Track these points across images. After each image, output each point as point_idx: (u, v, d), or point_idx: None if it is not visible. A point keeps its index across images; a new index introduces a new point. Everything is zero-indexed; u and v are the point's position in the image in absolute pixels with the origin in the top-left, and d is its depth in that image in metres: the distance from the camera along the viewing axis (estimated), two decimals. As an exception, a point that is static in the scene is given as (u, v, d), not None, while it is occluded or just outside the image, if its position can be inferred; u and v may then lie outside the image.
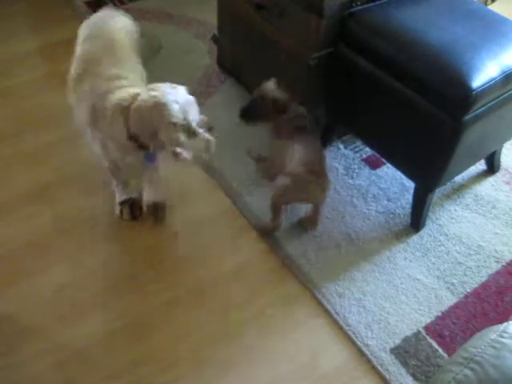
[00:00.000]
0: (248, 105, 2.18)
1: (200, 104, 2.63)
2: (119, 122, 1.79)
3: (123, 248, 2.09)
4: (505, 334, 0.98)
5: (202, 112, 1.89)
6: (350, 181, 2.34)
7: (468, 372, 0.93)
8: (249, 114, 2.19)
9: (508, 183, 2.37)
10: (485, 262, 2.07)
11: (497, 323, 1.11)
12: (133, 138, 1.80)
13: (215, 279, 2.00)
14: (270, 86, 2.17)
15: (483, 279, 2.02)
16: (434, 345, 1.83)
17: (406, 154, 2.05)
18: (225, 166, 2.38)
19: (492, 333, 1.01)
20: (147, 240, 2.12)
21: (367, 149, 2.44)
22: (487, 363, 0.92)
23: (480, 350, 0.99)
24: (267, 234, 2.14)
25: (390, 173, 2.37)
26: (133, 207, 2.15)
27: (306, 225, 2.16)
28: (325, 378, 1.76)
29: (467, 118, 1.79)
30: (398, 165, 2.15)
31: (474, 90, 1.73)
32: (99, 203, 2.21)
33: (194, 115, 1.82)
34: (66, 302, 1.91)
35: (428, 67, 1.83)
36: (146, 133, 1.78)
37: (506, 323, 1.02)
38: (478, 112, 1.82)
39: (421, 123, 1.90)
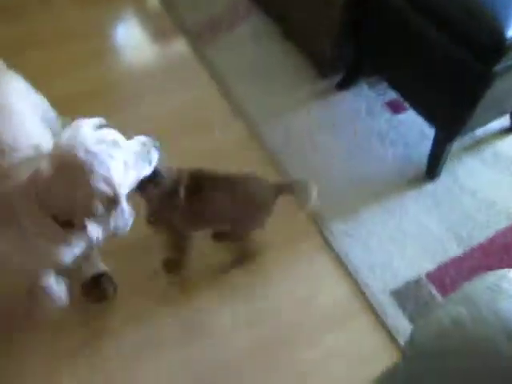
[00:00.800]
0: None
1: (228, 34, 2.62)
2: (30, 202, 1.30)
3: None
4: (504, 279, 0.99)
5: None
6: (370, 123, 2.31)
7: (462, 309, 0.95)
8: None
9: (530, 143, 2.32)
10: (495, 217, 2.06)
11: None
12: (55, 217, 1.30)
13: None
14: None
15: (491, 234, 2.01)
16: (434, 292, 1.85)
17: (430, 99, 2.01)
18: (248, 97, 2.36)
19: (491, 276, 1.02)
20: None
21: (391, 93, 2.39)
22: (482, 303, 0.94)
23: (477, 292, 1.00)
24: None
25: (410, 119, 2.33)
26: None
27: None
28: (321, 310, 1.80)
29: (498, 67, 1.74)
30: (420, 109, 2.11)
31: (508, 39, 1.67)
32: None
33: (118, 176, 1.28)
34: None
35: (463, 10, 1.76)
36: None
37: (506, 269, 1.03)
38: (510, 63, 1.76)
39: (449, 68, 1.85)
